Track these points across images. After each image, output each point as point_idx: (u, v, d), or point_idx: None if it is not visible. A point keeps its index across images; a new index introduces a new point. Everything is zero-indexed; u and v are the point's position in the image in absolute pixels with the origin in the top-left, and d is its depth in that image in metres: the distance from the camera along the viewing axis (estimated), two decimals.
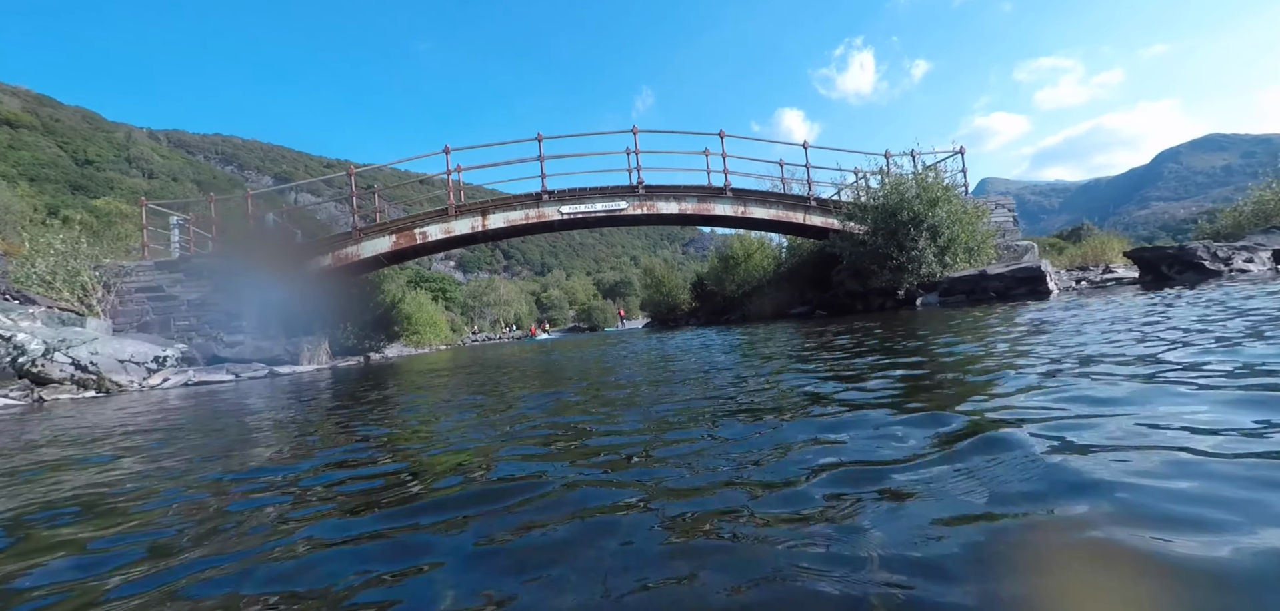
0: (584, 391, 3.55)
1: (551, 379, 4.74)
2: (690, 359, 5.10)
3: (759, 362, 4.10)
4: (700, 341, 7.53)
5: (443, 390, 4.53)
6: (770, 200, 13.71)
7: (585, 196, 13.05)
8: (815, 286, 16.54)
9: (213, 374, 8.90)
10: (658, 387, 3.36)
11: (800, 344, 5.12)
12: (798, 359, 4.00)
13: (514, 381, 4.69)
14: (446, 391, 4.40)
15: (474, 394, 4.01)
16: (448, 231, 12.60)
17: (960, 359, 3.01)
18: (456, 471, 1.75)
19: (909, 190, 11.17)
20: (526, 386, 4.21)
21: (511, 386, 4.28)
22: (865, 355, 3.63)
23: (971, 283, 9.84)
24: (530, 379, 4.89)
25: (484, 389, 4.25)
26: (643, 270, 33.58)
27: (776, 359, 4.16)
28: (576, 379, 4.44)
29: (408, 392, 4.68)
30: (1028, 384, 2.09)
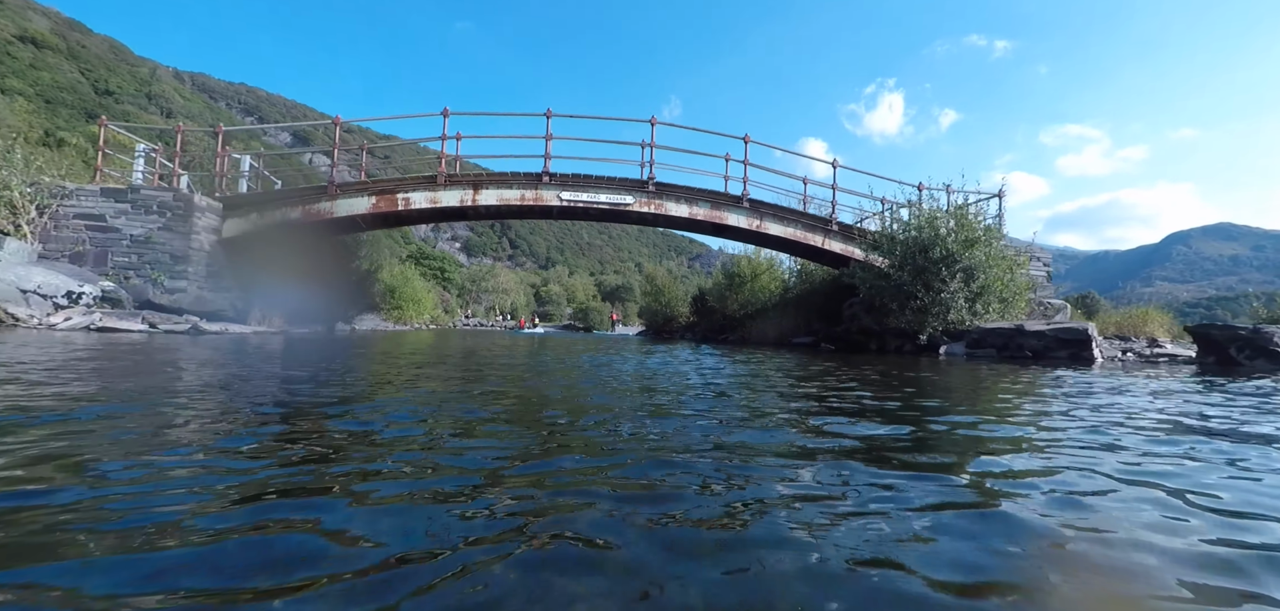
0: (557, 436, 2.35)
1: (521, 412, 3.55)
2: (681, 394, 3.92)
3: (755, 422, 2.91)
4: (696, 370, 6.33)
5: (388, 389, 3.33)
6: (789, 217, 12.54)
7: (589, 185, 11.89)
8: (824, 317, 15.36)
9: (125, 321, 7.69)
10: (643, 442, 2.18)
11: (805, 390, 3.92)
12: (803, 417, 2.81)
13: (478, 389, 3.50)
14: (383, 397, 3.20)
15: (415, 406, 2.81)
16: (433, 201, 11.42)
17: (1011, 469, 1.82)
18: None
19: (944, 225, 10.00)
20: (492, 404, 3.01)
21: (473, 395, 3.09)
22: (892, 421, 2.44)
23: (1005, 337, 8.66)
24: (495, 399, 3.70)
25: (431, 402, 3.06)
26: (644, 276, 32.39)
27: (774, 414, 2.97)
28: (549, 406, 3.25)
29: (333, 383, 3.47)
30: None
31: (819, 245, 12.61)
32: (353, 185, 11.47)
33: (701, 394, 3.42)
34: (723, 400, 3.19)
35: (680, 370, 5.20)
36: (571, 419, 2.47)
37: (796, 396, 3.47)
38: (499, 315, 66.86)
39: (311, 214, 11.23)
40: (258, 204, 11.25)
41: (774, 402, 3.14)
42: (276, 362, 4.53)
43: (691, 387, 3.76)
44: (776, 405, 3.05)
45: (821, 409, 2.93)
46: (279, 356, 5.23)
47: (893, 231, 10.86)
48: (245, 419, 2.15)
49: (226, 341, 6.98)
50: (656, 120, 11.95)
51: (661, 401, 3.08)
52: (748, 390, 3.73)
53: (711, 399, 3.23)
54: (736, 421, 2.52)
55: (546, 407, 2.82)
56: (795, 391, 3.73)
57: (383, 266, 22.99)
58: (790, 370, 5.58)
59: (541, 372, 4.58)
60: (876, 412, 2.81)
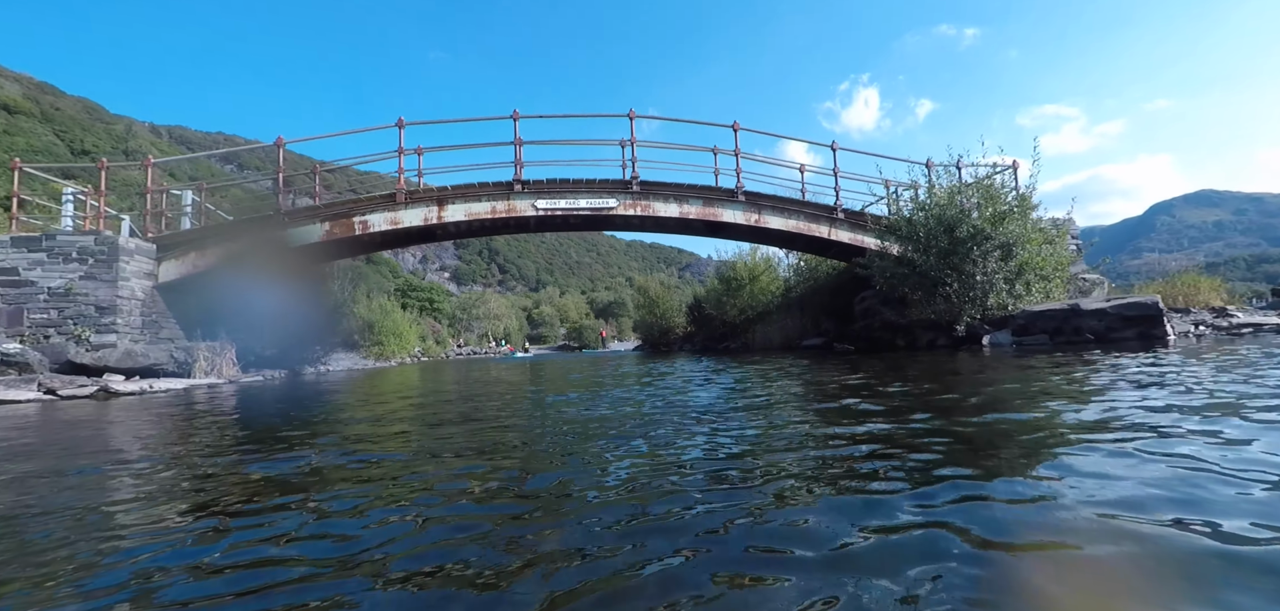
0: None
1: (486, 457, 2.35)
2: (679, 416, 2.76)
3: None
4: (701, 387, 5.15)
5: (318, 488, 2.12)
6: (789, 208, 11.41)
7: (566, 190, 10.72)
8: (833, 315, 14.22)
9: (17, 389, 6.41)
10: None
11: (872, 428, 2.76)
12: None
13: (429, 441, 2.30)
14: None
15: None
16: (394, 222, 10.22)
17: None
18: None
19: (968, 199, 8.90)
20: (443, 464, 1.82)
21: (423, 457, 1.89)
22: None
23: (1058, 320, 7.52)
24: (455, 452, 2.50)
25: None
26: (636, 289, 31.20)
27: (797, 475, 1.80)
28: (526, 443, 2.06)
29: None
30: None
31: (825, 236, 11.48)
32: (303, 212, 10.26)
33: (735, 454, 2.23)
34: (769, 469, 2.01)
35: (687, 403, 4.00)
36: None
37: (861, 437, 2.28)
38: (491, 341, 65.47)
39: (258, 247, 9.99)
40: (196, 241, 10.00)
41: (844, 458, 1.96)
42: (198, 429, 3.31)
43: (715, 440, 2.57)
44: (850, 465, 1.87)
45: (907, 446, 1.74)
46: (209, 418, 4.00)
47: (909, 213, 9.73)
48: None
49: (157, 402, 5.72)
50: (635, 114, 10.83)
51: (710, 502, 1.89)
52: (797, 450, 2.55)
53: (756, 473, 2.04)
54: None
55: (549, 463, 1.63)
56: (851, 426, 2.54)
57: (357, 300, 21.66)
58: (821, 384, 4.40)
59: (519, 426, 3.39)
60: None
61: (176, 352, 9.35)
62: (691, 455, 2.17)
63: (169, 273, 9.88)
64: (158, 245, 9.90)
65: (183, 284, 10.33)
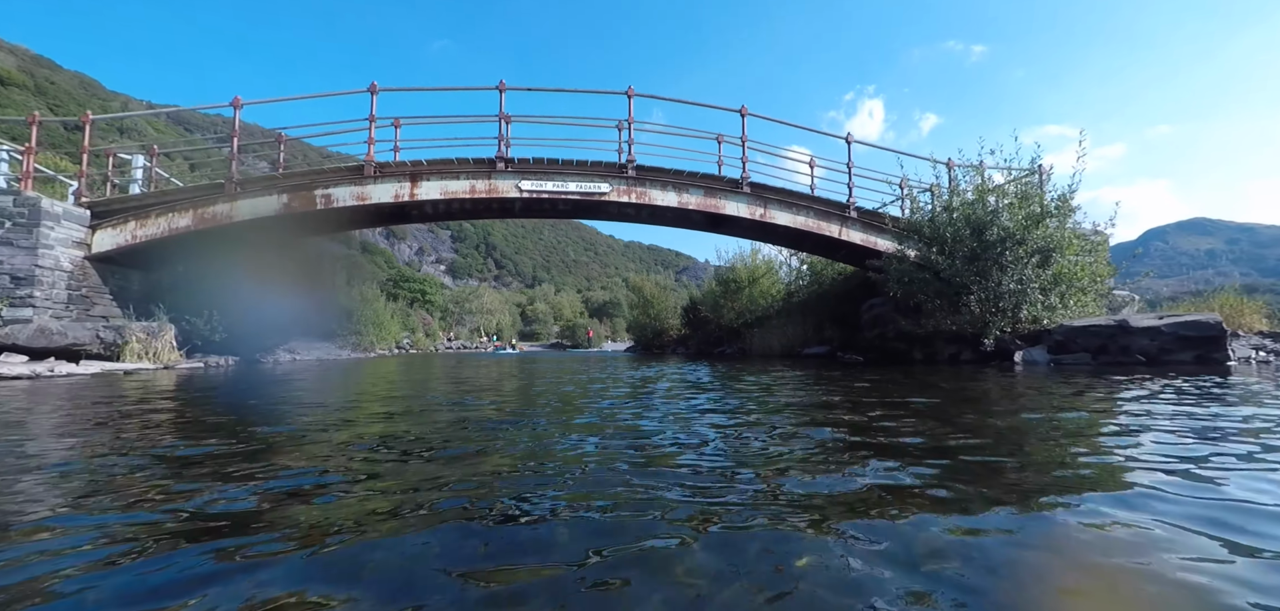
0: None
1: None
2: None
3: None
4: (689, 400, 4.17)
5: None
6: (798, 203, 10.44)
7: (555, 171, 9.72)
8: (838, 322, 13.26)
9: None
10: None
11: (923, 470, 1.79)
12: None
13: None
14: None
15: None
16: (361, 198, 9.19)
17: None
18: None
19: (1001, 198, 7.95)
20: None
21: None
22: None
23: (1102, 337, 6.57)
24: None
25: None
26: (631, 288, 30.19)
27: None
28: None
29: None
30: None
31: (835, 236, 10.51)
32: (258, 181, 9.23)
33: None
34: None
35: (678, 411, 3.01)
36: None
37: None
38: (483, 336, 64.39)
39: (205, 219, 8.95)
40: (136, 209, 8.95)
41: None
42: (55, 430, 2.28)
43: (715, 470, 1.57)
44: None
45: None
46: (54, 416, 2.97)
47: (932, 212, 8.77)
48: None
49: (41, 390, 4.68)
50: (634, 92, 9.84)
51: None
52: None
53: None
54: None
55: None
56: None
57: (337, 288, 20.57)
58: (831, 406, 3.42)
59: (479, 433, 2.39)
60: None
61: (104, 333, 8.30)
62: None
63: (104, 243, 8.82)
64: (92, 211, 8.84)
65: (125, 257, 9.29)
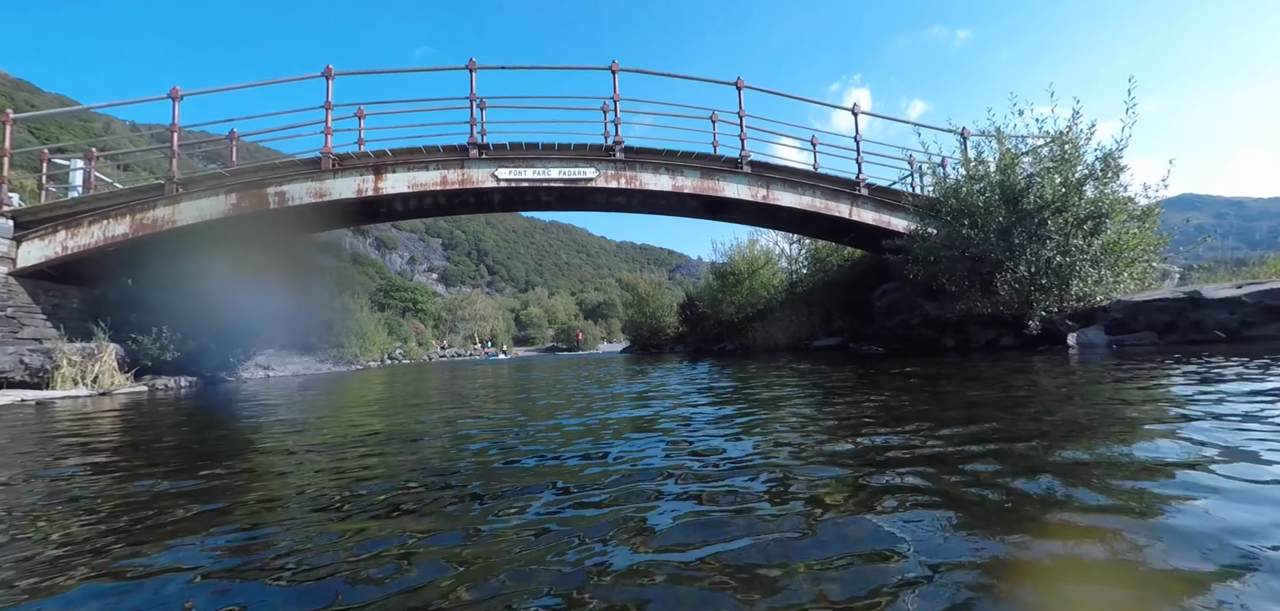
0: None
1: None
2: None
3: None
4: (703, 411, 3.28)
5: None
6: (803, 183, 9.55)
7: (535, 157, 8.79)
8: (848, 311, 12.39)
9: None
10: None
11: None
12: None
13: None
14: None
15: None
16: (320, 194, 8.24)
17: None
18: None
19: (1038, 160, 7.08)
20: None
21: None
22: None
23: (1171, 312, 5.71)
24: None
25: None
26: (624, 287, 29.27)
27: None
28: None
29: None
30: None
31: (845, 216, 9.61)
32: (202, 180, 8.28)
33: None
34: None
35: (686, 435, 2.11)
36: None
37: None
38: (477, 343, 63.43)
39: (144, 225, 7.98)
40: (65, 218, 7.96)
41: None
42: None
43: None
44: None
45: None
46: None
47: (958, 183, 7.89)
48: None
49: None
50: (619, 66, 8.92)
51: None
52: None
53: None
54: None
55: None
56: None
57: (313, 298, 19.60)
58: (897, 418, 2.53)
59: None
60: None
61: (30, 357, 7.32)
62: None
63: (31, 256, 7.84)
64: (15, 221, 7.86)
65: (60, 271, 8.31)
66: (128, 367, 8.84)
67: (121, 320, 9.16)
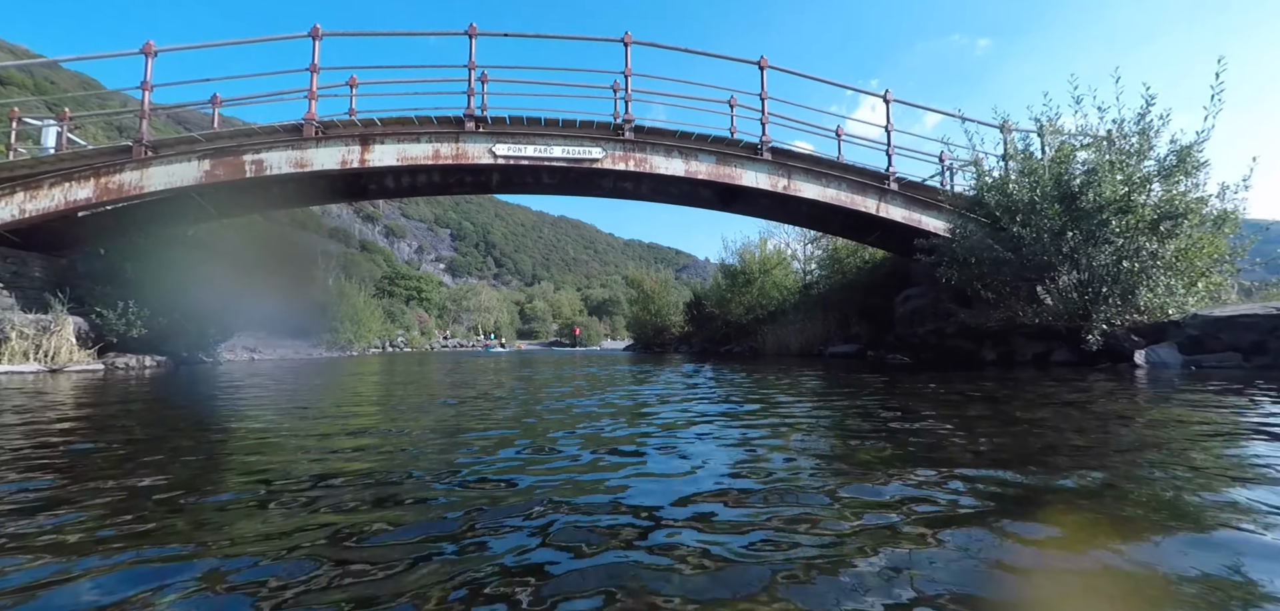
0: None
1: None
2: None
3: None
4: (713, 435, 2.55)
5: None
6: (828, 174, 8.78)
7: (537, 132, 8.07)
8: (867, 316, 11.63)
9: None
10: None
11: None
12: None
13: None
14: None
15: None
16: (301, 164, 7.55)
17: None
18: None
19: (1100, 152, 6.30)
20: None
21: None
22: None
23: (1261, 330, 4.93)
24: None
25: None
26: (629, 282, 28.50)
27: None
28: None
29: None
30: None
31: (871, 212, 8.85)
32: (173, 143, 7.60)
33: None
34: None
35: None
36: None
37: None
38: (480, 335, 62.99)
39: (109, 190, 7.31)
40: (24, 179, 7.30)
41: None
42: None
43: None
44: None
45: None
46: None
47: (1002, 178, 7.12)
48: None
49: None
50: (632, 38, 8.19)
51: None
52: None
53: None
54: None
55: None
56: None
57: (312, 281, 19.01)
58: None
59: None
60: None
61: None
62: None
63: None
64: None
65: (20, 237, 7.67)
66: (91, 343, 8.21)
67: (88, 292, 8.53)
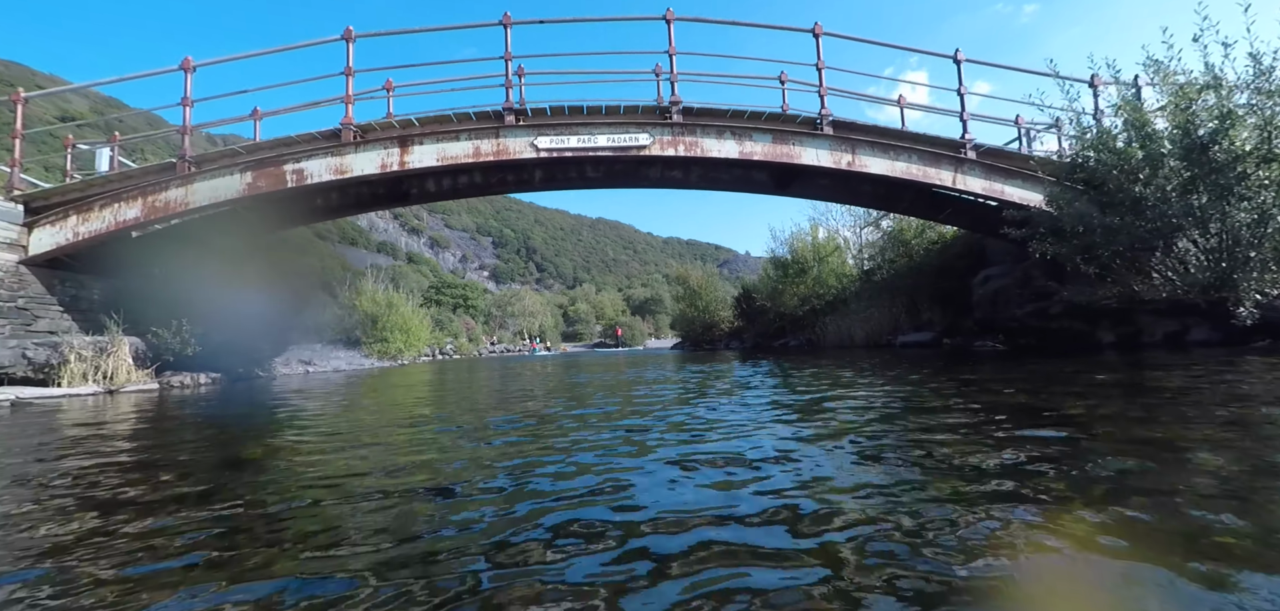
0: None
1: None
2: None
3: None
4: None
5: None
6: (895, 145, 8.01)
7: (579, 122, 7.62)
8: (940, 302, 10.74)
9: None
10: None
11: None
12: None
13: None
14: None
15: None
16: (340, 170, 7.31)
17: None
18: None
19: (1228, 101, 5.39)
20: None
21: None
22: None
23: None
24: None
25: None
26: (674, 278, 27.90)
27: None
28: None
29: None
30: None
31: (946, 184, 8.03)
32: (215, 157, 7.50)
33: None
34: None
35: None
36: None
37: None
38: (524, 339, 63.67)
39: (156, 209, 7.25)
40: (76, 202, 7.32)
41: None
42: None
43: None
44: None
45: None
46: None
47: (1105, 133, 6.24)
48: None
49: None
50: (674, 15, 7.64)
51: None
52: None
53: None
54: None
55: None
56: None
57: (360, 292, 19.23)
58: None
59: None
60: None
61: (34, 351, 6.67)
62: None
63: (43, 243, 7.23)
64: (25, 206, 7.27)
65: (77, 260, 7.72)
66: (149, 363, 8.21)
67: (143, 313, 8.56)
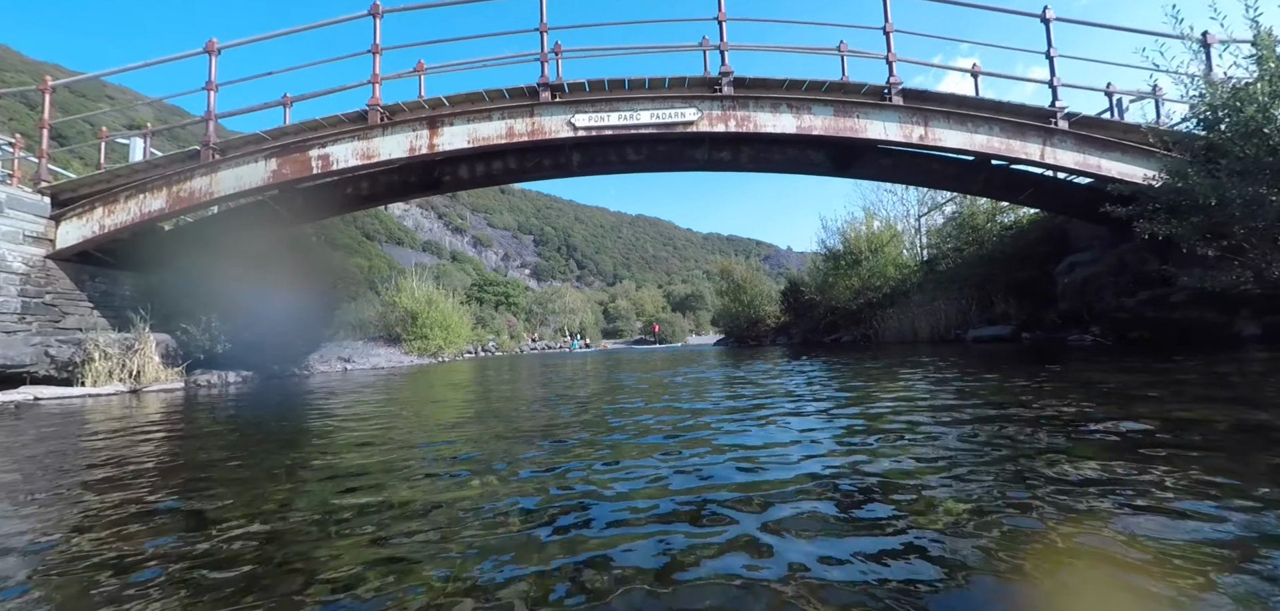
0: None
1: None
2: None
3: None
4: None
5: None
6: (974, 115, 7.07)
7: (620, 96, 6.97)
8: (1017, 294, 9.67)
9: None
10: None
11: None
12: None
13: None
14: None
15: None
16: (368, 155, 6.88)
17: None
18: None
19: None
20: None
21: None
22: None
23: None
24: None
25: None
26: (716, 273, 27.01)
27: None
28: None
29: None
30: None
31: (1035, 158, 7.05)
32: (239, 143, 7.16)
33: None
34: None
35: None
36: None
37: None
38: (565, 336, 63.84)
39: (180, 199, 6.96)
40: (102, 193, 7.11)
41: None
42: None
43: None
44: None
45: None
46: None
47: (1242, 88, 5.23)
48: None
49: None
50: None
51: None
52: None
53: None
54: None
55: None
56: None
57: (401, 288, 19.14)
58: None
59: None
60: None
61: (56, 349, 6.46)
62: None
63: (70, 236, 7.05)
64: (52, 199, 7.10)
65: (108, 255, 7.56)
66: (179, 361, 8.00)
67: (174, 309, 8.38)
